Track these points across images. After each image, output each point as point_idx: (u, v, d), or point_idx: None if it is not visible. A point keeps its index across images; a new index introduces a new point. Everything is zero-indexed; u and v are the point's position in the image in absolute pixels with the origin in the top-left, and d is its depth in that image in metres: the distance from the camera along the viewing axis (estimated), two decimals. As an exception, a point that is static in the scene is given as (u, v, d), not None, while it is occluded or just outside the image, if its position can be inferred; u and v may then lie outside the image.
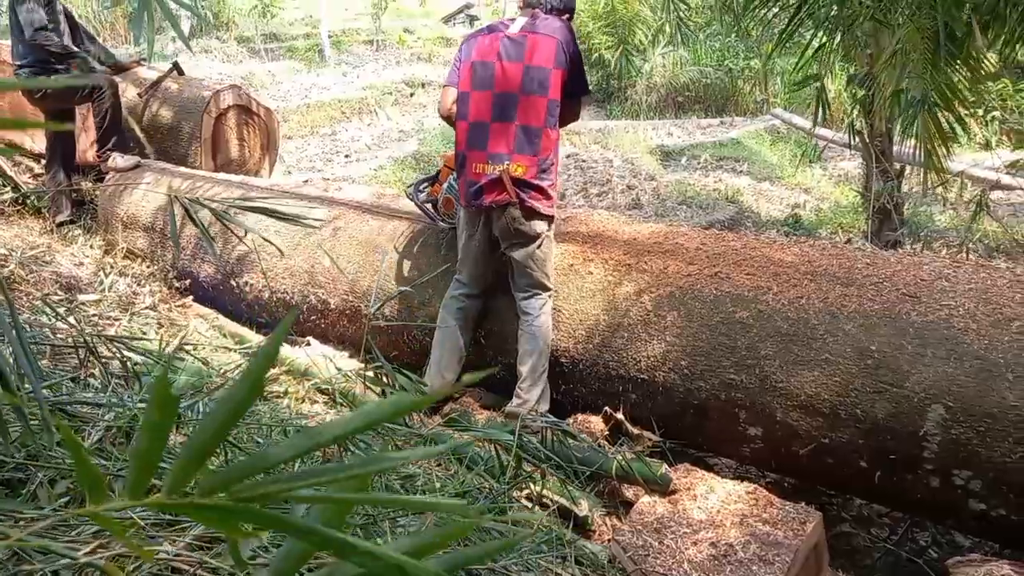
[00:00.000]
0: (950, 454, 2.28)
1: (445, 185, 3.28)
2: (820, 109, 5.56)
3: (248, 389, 0.47)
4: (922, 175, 5.02)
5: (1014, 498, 2.22)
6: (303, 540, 0.45)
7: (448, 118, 3.13)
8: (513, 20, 3.06)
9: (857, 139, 6.27)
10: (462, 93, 3.03)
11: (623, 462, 2.45)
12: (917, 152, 4.64)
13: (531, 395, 2.99)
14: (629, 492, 2.70)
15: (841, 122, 13.08)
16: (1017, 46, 4.13)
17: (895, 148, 6.38)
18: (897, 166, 6.39)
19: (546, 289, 3.07)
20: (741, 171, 10.52)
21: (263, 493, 0.44)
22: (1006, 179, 6.92)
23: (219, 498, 0.44)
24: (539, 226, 3.01)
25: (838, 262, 2.73)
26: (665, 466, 2.49)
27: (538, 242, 3.02)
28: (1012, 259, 5.86)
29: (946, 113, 4.18)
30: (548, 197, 3.01)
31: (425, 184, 3.47)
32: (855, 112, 6.45)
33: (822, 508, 2.54)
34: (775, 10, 5.88)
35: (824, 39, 5.64)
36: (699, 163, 10.80)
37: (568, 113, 3.10)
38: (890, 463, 2.41)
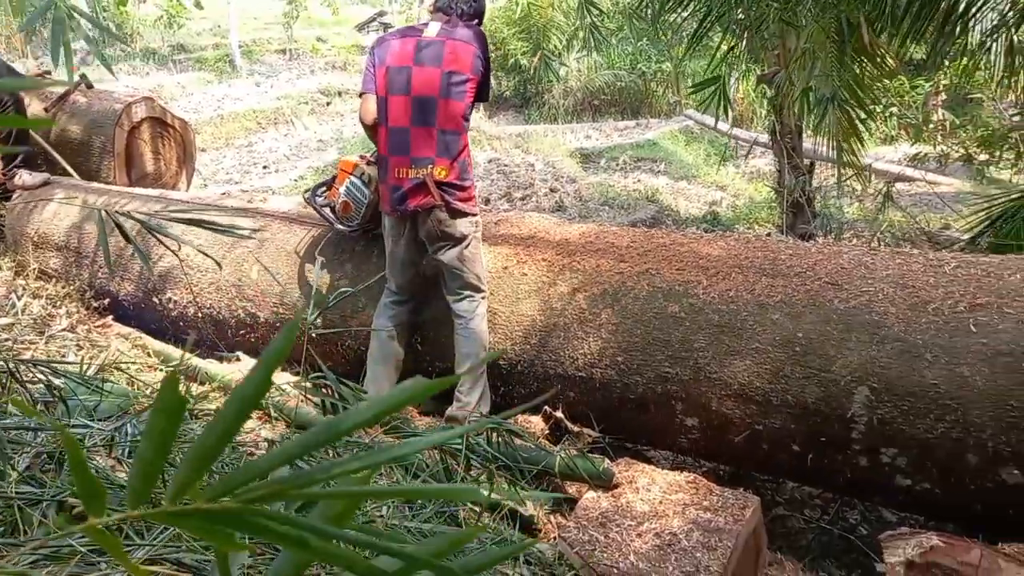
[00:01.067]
0: (877, 433, 2.39)
1: (342, 188, 3.28)
2: (722, 109, 5.75)
3: (257, 383, 0.47)
4: (835, 169, 5.24)
5: (937, 472, 2.34)
6: (317, 545, 0.44)
7: (372, 126, 3.09)
8: (427, 25, 3.05)
9: (760, 134, 6.50)
10: (379, 98, 3.00)
11: (567, 459, 2.47)
12: (828, 148, 4.85)
13: (471, 397, 2.99)
14: (572, 489, 2.73)
15: (751, 121, 13.56)
16: (910, 44, 4.35)
17: (805, 144, 6.63)
18: (807, 161, 6.65)
19: (478, 291, 3.08)
20: (659, 171, 10.75)
21: (272, 492, 0.44)
22: (909, 171, 7.27)
23: (225, 502, 0.43)
24: (464, 227, 3.02)
25: (763, 254, 2.82)
26: (607, 461, 2.52)
27: (465, 243, 3.03)
28: (917, 246, 6.16)
29: (856, 109, 4.37)
30: (471, 197, 3.06)
31: (322, 188, 3.48)
32: (765, 112, 6.69)
33: (758, 493, 2.61)
34: (685, 15, 6.05)
35: (733, 42, 5.83)
36: (618, 164, 10.99)
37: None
38: (821, 445, 2.50)
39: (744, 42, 6.07)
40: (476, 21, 3.11)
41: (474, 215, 3.07)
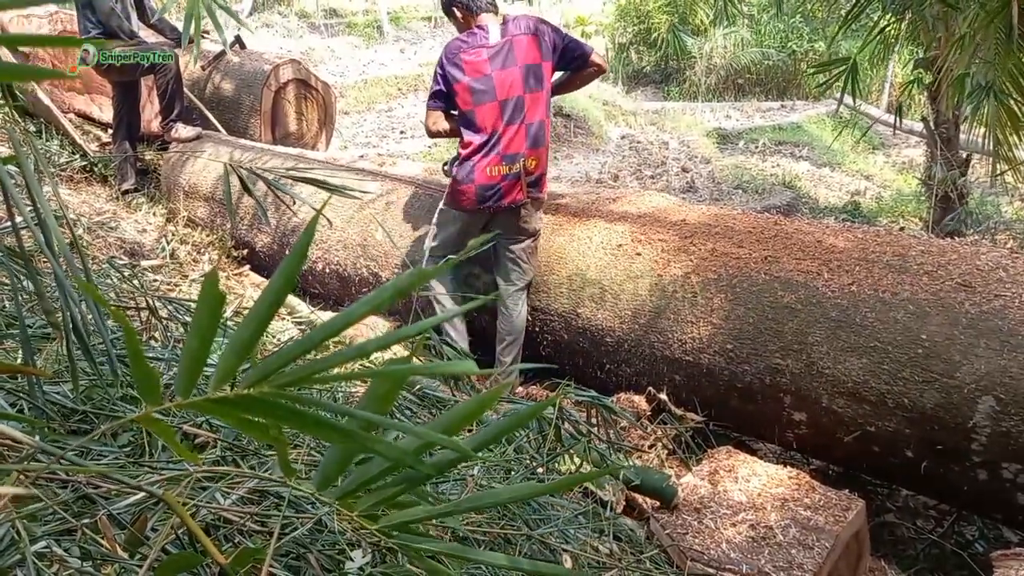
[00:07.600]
0: (999, 447, 2.24)
1: None
2: (851, 93, 5.47)
3: (282, 283, 0.51)
4: (990, 164, 4.88)
5: (1065, 495, 2.18)
6: (342, 431, 0.48)
7: (434, 135, 3.28)
8: (483, 29, 3.08)
9: (916, 123, 6.12)
10: (465, 111, 3.09)
11: (632, 469, 2.34)
12: (985, 140, 4.51)
13: (512, 368, 3.25)
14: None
15: (909, 108, 12.75)
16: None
17: (962, 136, 6.20)
18: (963, 154, 6.21)
19: (529, 283, 3.26)
20: (801, 156, 10.33)
21: (298, 378, 0.48)
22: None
23: (261, 389, 0.48)
24: (538, 221, 3.21)
25: (892, 249, 2.68)
26: (672, 478, 2.37)
27: (535, 238, 3.22)
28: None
29: (1018, 100, 4.04)
30: (546, 183, 3.26)
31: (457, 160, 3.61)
32: (910, 94, 6.30)
33: (867, 497, 2.51)
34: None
35: (892, 21, 5.50)
36: (757, 147, 10.62)
37: (587, 73, 3.24)
38: (937, 454, 2.37)
39: (904, 22, 5.71)
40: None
41: (543, 206, 3.26)
